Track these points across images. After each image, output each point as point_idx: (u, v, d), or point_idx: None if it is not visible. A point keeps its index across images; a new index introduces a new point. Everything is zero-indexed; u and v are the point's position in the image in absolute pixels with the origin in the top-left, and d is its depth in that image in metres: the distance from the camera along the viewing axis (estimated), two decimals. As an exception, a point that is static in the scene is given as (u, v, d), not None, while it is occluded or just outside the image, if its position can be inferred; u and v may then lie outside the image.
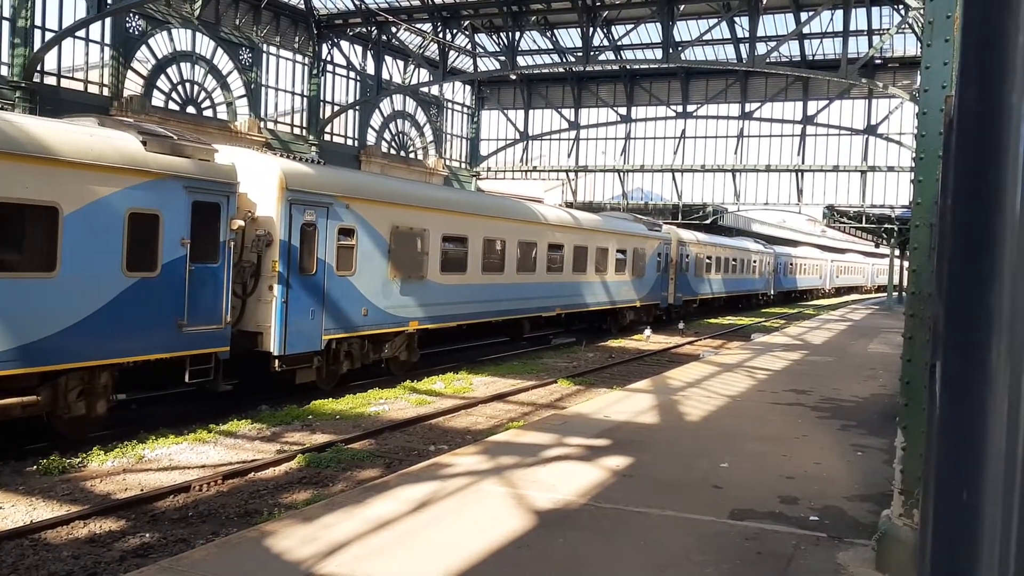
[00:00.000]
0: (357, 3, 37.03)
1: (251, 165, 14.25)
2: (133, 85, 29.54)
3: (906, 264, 7.33)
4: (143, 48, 29.91)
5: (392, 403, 15.22)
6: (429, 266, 18.24)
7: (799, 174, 45.45)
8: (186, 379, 12.66)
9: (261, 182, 14.17)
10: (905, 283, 12.13)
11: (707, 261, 40.48)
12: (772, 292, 55.48)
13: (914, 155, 5.90)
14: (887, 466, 8.61)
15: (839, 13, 34.47)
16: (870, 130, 43.35)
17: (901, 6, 31.21)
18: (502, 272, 21.51)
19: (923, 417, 5.20)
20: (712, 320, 40.69)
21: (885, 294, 59.01)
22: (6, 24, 25.34)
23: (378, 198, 16.82)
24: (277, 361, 14.10)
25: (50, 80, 26.92)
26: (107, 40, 28.54)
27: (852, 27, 34.07)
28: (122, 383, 12.18)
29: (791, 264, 60.81)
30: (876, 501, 7.72)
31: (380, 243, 16.64)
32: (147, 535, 8.11)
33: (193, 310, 12.56)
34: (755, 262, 50.46)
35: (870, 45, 34.89)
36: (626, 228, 31.00)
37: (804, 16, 34.86)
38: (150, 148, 11.97)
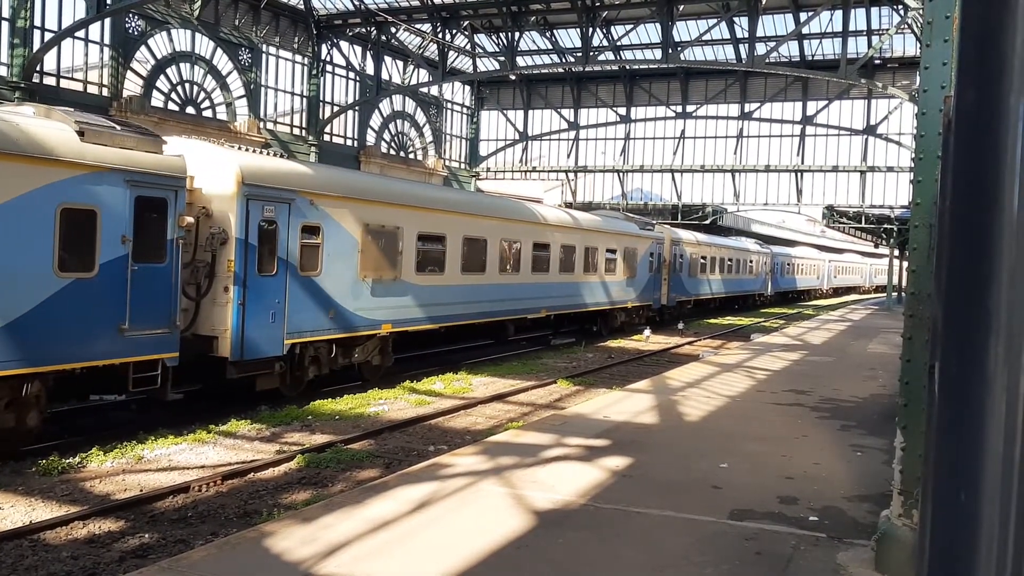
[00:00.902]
0: (356, 3, 37.03)
1: (205, 158, 13.45)
2: (133, 85, 29.54)
3: (905, 264, 7.33)
4: (142, 48, 29.92)
5: (392, 403, 15.22)
6: (403, 266, 17.32)
7: (798, 174, 45.48)
8: (129, 387, 11.73)
9: (216, 176, 13.32)
10: (904, 283, 12.14)
11: (702, 261, 39.67)
12: (769, 292, 54.86)
13: (913, 155, 5.90)
14: (886, 466, 8.61)
15: (838, 13, 34.48)
16: (869, 130, 43.38)
17: (900, 6, 31.21)
18: (483, 272, 20.57)
19: (922, 417, 5.20)
20: (712, 320, 40.70)
21: (884, 294, 58.96)
22: (5, 24, 25.35)
23: (346, 194, 15.84)
24: (233, 367, 13.25)
25: (49, 80, 26.92)
26: (106, 40, 28.54)
27: (851, 27, 34.10)
28: (66, 391, 11.60)
29: (788, 264, 60.18)
30: (876, 501, 7.72)
31: (349, 241, 15.73)
32: (146, 536, 8.10)
33: (136, 313, 11.57)
34: (752, 262, 49.76)
35: (869, 45, 34.91)
36: (616, 227, 29.93)
37: (803, 16, 34.88)
38: (88, 139, 11.04)
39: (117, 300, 11.42)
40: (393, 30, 39.12)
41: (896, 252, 49.67)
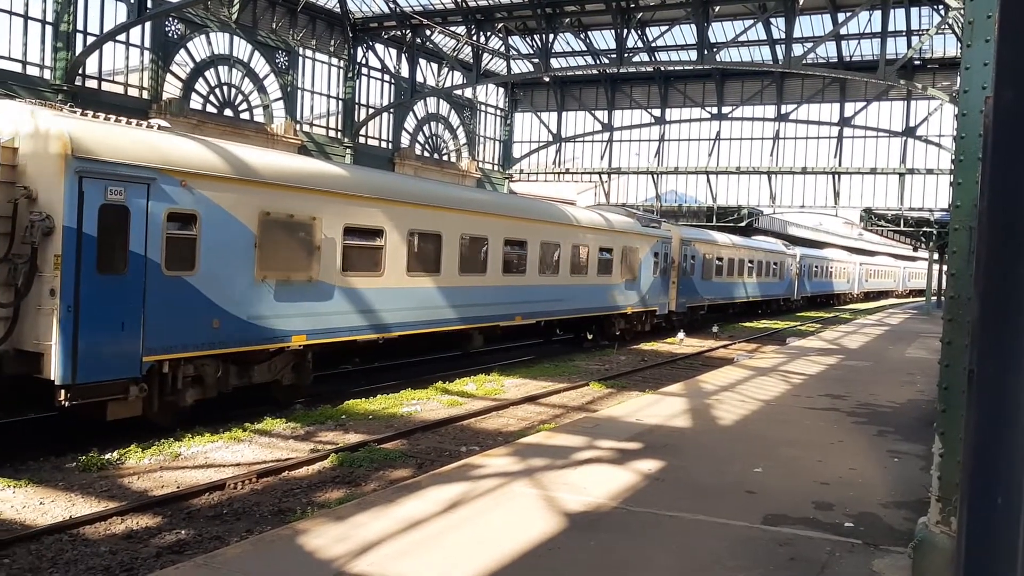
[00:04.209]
0: (392, 6, 37.28)
1: (27, 124, 10.69)
2: (172, 88, 30.02)
3: (945, 268, 7.22)
4: (182, 52, 30.39)
5: (424, 404, 15.29)
6: (322, 265, 14.17)
7: (836, 176, 44.97)
8: None
9: (41, 147, 10.53)
10: (944, 287, 11.91)
11: (718, 263, 36.25)
12: (796, 297, 51.45)
13: (953, 157, 5.81)
14: (924, 473, 8.48)
15: (877, 13, 34.02)
16: (909, 132, 42.78)
17: (941, 6, 30.75)
18: (438, 273, 17.40)
19: (961, 423, 5.11)
20: (746, 324, 40.34)
21: (920, 299, 57.84)
22: (49, 28, 25.88)
23: (235, 175, 12.66)
24: (65, 392, 10.37)
25: (91, 83, 27.46)
26: (147, 44, 29.04)
27: (890, 28, 33.60)
28: None
29: (817, 267, 57.08)
30: (913, 508, 7.60)
31: (240, 234, 12.67)
32: (183, 532, 8.22)
33: None
34: (776, 264, 46.21)
35: (909, 46, 34.43)
36: (612, 223, 26.21)
37: (841, 17, 34.48)
38: None
39: None
40: (428, 33, 39.34)
41: (935, 256, 48.92)
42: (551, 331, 24.99)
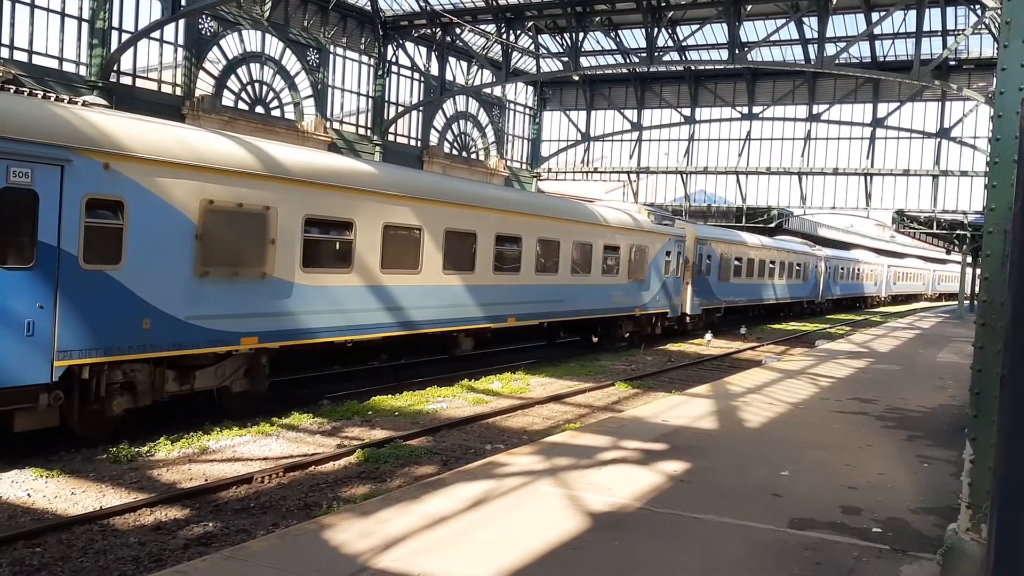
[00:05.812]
0: (422, 5, 37.42)
1: None
2: (204, 85, 30.36)
3: (978, 271, 7.12)
4: (214, 49, 30.74)
5: (450, 401, 15.33)
6: (278, 260, 12.76)
7: (868, 178, 44.48)
8: None
9: None
10: (977, 291, 11.71)
11: (736, 263, 34.70)
12: (820, 299, 49.92)
13: (989, 159, 5.73)
14: (954, 479, 8.37)
15: (912, 13, 33.60)
16: (943, 133, 42.24)
17: (977, 6, 30.30)
18: (417, 270, 15.95)
19: (993, 429, 5.04)
20: (775, 326, 40.04)
21: (950, 303, 56.99)
22: (85, 25, 26.29)
23: (171, 159, 11.21)
24: None
25: (126, 80, 27.85)
26: (180, 41, 29.41)
27: (925, 27, 33.15)
28: None
29: (843, 268, 55.28)
30: (942, 514, 7.51)
31: (177, 224, 11.28)
32: (210, 524, 8.30)
33: None
34: (800, 265, 44.51)
35: (944, 46, 33.99)
36: (618, 219, 24.54)
37: (875, 16, 34.11)
38: None
39: None
40: (458, 31, 39.44)
41: (969, 259, 48.23)
42: (555, 333, 23.79)
